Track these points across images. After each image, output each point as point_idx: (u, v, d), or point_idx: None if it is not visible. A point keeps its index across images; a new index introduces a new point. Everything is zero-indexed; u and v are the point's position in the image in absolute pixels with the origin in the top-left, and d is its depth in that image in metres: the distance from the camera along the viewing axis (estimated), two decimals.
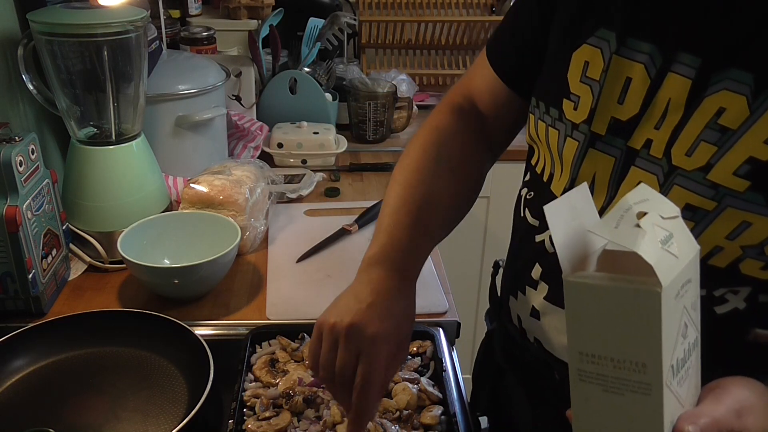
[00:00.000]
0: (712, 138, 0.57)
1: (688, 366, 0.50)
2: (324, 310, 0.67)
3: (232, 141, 1.45)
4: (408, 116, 1.73)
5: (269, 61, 1.62)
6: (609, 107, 0.64)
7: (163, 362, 0.86)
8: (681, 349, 0.48)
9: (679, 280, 0.46)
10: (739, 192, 0.56)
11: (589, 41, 0.65)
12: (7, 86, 1.09)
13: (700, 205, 0.58)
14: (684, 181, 0.59)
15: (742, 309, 0.60)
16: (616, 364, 0.48)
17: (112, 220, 1.06)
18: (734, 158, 0.56)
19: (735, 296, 0.60)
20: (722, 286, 0.60)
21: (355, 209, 1.28)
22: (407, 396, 0.77)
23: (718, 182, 0.57)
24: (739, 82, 0.55)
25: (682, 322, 0.48)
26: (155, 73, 1.21)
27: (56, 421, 0.77)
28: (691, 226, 0.58)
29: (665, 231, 0.47)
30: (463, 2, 2.04)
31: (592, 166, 0.67)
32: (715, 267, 0.59)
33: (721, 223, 0.58)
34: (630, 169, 0.63)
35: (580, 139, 0.67)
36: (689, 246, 0.49)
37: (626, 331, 0.46)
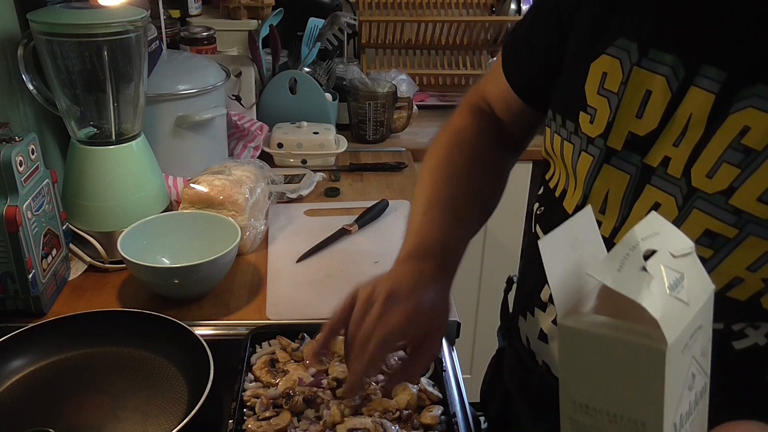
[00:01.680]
0: (736, 159, 0.53)
1: (693, 417, 0.46)
2: (324, 310, 0.65)
3: (232, 141, 1.45)
4: (408, 116, 1.73)
5: (269, 61, 1.62)
6: (627, 121, 0.61)
7: (163, 362, 0.86)
8: (686, 402, 0.45)
9: (688, 330, 0.42)
10: (762, 220, 0.52)
11: (608, 51, 0.62)
12: (7, 86, 1.09)
13: (721, 232, 0.55)
14: (704, 204, 0.55)
15: (762, 345, 0.56)
16: (611, 419, 0.44)
17: (112, 220, 1.06)
18: (759, 182, 0.52)
19: (756, 331, 0.56)
20: (742, 320, 0.56)
21: (355, 209, 1.28)
22: (407, 396, 0.77)
23: (741, 208, 0.53)
24: (763, 98, 0.52)
25: (689, 374, 0.44)
26: (155, 73, 1.21)
27: (56, 421, 0.77)
28: (709, 254, 0.55)
29: (675, 273, 0.43)
30: (463, 2, 2.04)
31: (605, 183, 0.64)
32: (734, 300, 0.56)
33: (742, 252, 0.54)
34: (645, 188, 0.60)
35: (595, 154, 0.64)
36: (702, 287, 0.45)
37: (625, 385, 0.43)
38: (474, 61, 2.04)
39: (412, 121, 1.77)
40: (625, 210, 0.62)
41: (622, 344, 0.41)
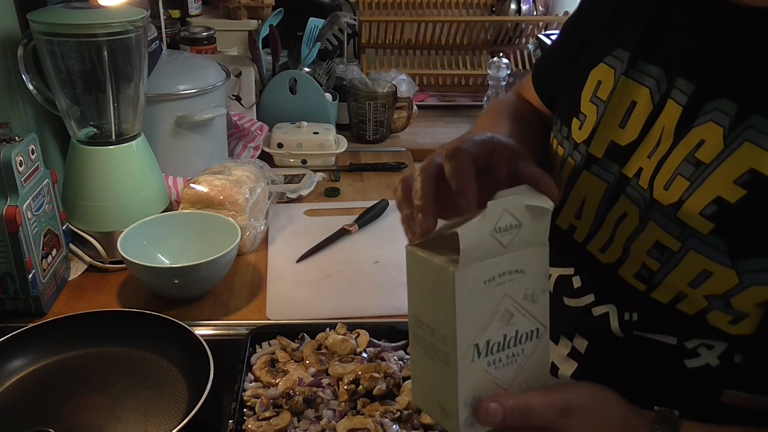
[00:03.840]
0: (687, 172, 0.53)
1: (514, 353, 0.52)
2: (324, 310, 0.64)
3: (232, 141, 1.45)
4: (408, 116, 1.73)
5: (269, 61, 1.62)
6: (610, 130, 0.61)
7: (163, 362, 0.86)
8: (498, 333, 0.50)
9: (494, 268, 0.48)
10: (702, 234, 0.52)
11: (606, 60, 0.63)
12: (7, 86, 1.09)
13: (668, 245, 0.54)
14: (658, 216, 0.55)
15: (714, 366, 0.55)
16: (431, 332, 0.51)
17: (112, 220, 1.06)
18: (703, 196, 0.52)
19: (708, 351, 0.55)
20: (694, 336, 0.55)
21: (355, 209, 1.28)
22: (409, 397, 0.77)
23: (685, 221, 0.53)
24: (724, 113, 0.52)
25: (500, 308, 0.50)
26: (155, 73, 1.21)
27: (56, 421, 0.77)
28: (657, 267, 0.55)
29: (513, 219, 0.48)
30: (463, 2, 2.04)
31: (582, 190, 0.64)
32: (683, 313, 0.55)
33: (684, 267, 0.54)
34: (620, 198, 0.60)
35: (577, 159, 0.64)
36: (534, 240, 0.50)
37: (436, 302, 0.50)
38: (474, 61, 2.04)
39: (412, 121, 1.77)
40: (599, 218, 0.62)
41: (431, 265, 0.49)
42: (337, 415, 0.75)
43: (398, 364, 0.82)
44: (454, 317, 0.48)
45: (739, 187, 0.50)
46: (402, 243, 0.54)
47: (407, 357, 0.86)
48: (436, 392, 0.53)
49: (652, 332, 0.57)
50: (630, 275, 0.58)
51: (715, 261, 0.51)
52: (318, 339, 0.87)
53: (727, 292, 0.51)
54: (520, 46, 2.05)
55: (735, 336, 0.52)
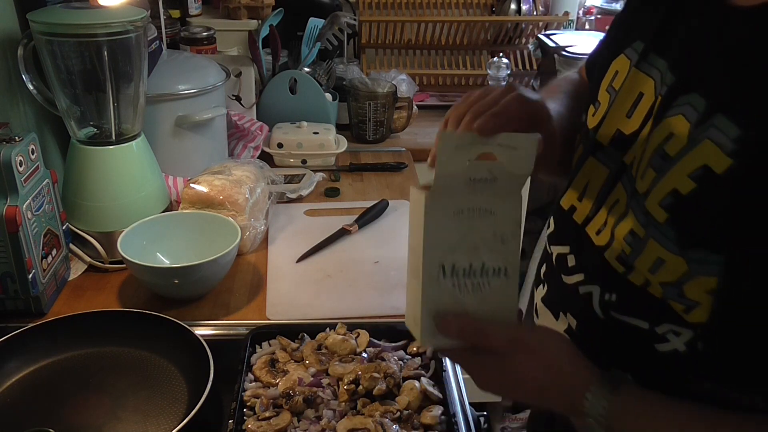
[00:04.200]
0: (656, 164, 0.56)
1: (480, 283, 0.59)
2: (324, 310, 0.65)
3: (232, 141, 1.45)
4: (408, 116, 1.73)
5: (269, 61, 1.62)
6: (617, 119, 0.63)
7: (163, 362, 0.86)
8: (464, 260, 0.58)
9: (464, 202, 0.57)
10: (659, 223, 0.55)
11: (626, 51, 0.65)
12: (7, 86, 1.09)
13: (637, 232, 0.57)
14: (635, 205, 0.58)
15: (682, 352, 0.56)
16: (414, 254, 0.60)
17: (112, 220, 1.06)
18: (663, 188, 0.54)
19: (676, 338, 0.56)
20: (664, 321, 0.57)
21: (355, 209, 1.28)
22: (409, 397, 0.77)
23: (649, 210, 0.56)
24: (694, 109, 0.53)
25: (468, 239, 0.58)
26: (155, 73, 1.21)
27: (56, 421, 0.77)
28: (629, 251, 0.58)
29: (489, 174, 0.56)
30: (463, 2, 2.04)
31: (587, 174, 0.66)
32: (653, 296, 0.57)
33: (646, 254, 0.56)
34: (617, 185, 0.62)
35: (587, 145, 0.67)
36: (507, 191, 0.58)
37: (416, 227, 0.59)
38: (474, 61, 2.04)
39: (412, 121, 1.77)
40: (598, 202, 0.64)
41: (416, 196, 0.58)
42: (337, 415, 0.75)
43: (398, 364, 0.82)
44: (423, 234, 0.56)
45: (691, 180, 0.52)
46: (401, 244, 0.56)
47: (407, 357, 0.86)
48: (413, 307, 0.61)
49: (627, 314, 0.60)
50: (613, 258, 0.60)
51: (668, 249, 0.54)
52: (318, 339, 0.87)
53: (678, 279, 0.53)
54: (520, 46, 2.05)
55: (692, 324, 0.55)
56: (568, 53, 1.66)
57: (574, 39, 1.76)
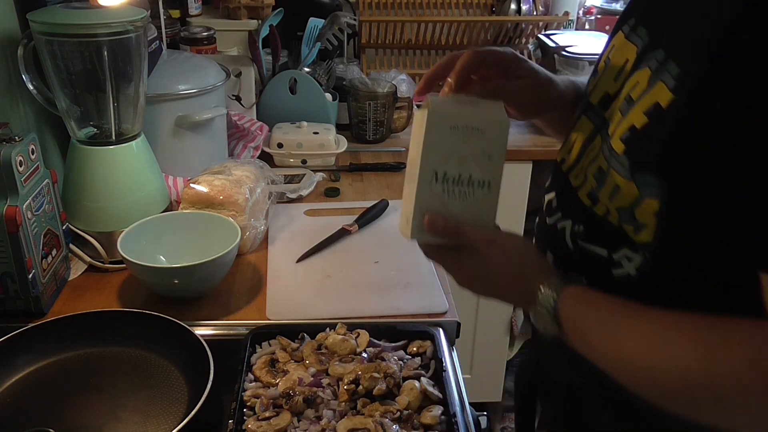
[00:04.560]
0: (624, 108, 0.65)
1: (466, 192, 0.68)
2: (324, 310, 0.67)
3: (232, 141, 1.45)
4: (408, 116, 1.73)
5: (269, 61, 1.62)
6: (606, 83, 0.72)
7: (163, 362, 0.86)
8: (454, 170, 0.67)
9: (461, 119, 0.67)
10: (618, 154, 0.64)
11: (623, 28, 0.73)
12: (7, 86, 1.09)
13: (603, 167, 0.67)
14: (604, 147, 0.68)
15: (634, 276, 0.64)
16: (411, 164, 0.70)
17: (112, 220, 1.06)
18: (624, 125, 0.64)
19: (629, 263, 0.64)
20: (620, 247, 0.65)
21: (355, 209, 1.28)
22: (409, 397, 0.77)
23: (613, 146, 0.65)
24: (656, 60, 0.63)
25: (460, 151, 0.67)
26: (155, 73, 1.21)
27: (56, 421, 0.77)
28: (595, 185, 0.68)
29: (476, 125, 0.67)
30: (463, 2, 2.04)
31: (578, 131, 0.76)
32: (611, 224, 0.66)
33: (608, 183, 0.65)
34: (596, 137, 0.71)
35: (583, 106, 0.76)
36: (491, 114, 0.68)
37: (417, 139, 0.68)
38: None
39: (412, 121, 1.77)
40: (581, 153, 0.74)
41: (421, 112, 0.68)
42: (337, 415, 0.76)
43: (398, 364, 0.82)
44: (423, 144, 0.66)
45: (645, 116, 0.61)
46: (401, 244, 0.56)
47: (407, 357, 0.86)
48: (407, 209, 0.70)
49: (590, 242, 0.69)
50: (585, 194, 0.70)
51: (623, 177, 0.63)
52: (318, 339, 0.87)
53: (631, 204, 0.62)
54: (520, 46, 2.05)
55: (639, 243, 0.63)
56: (568, 53, 1.66)
57: (574, 39, 1.76)
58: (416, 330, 0.90)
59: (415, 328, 0.90)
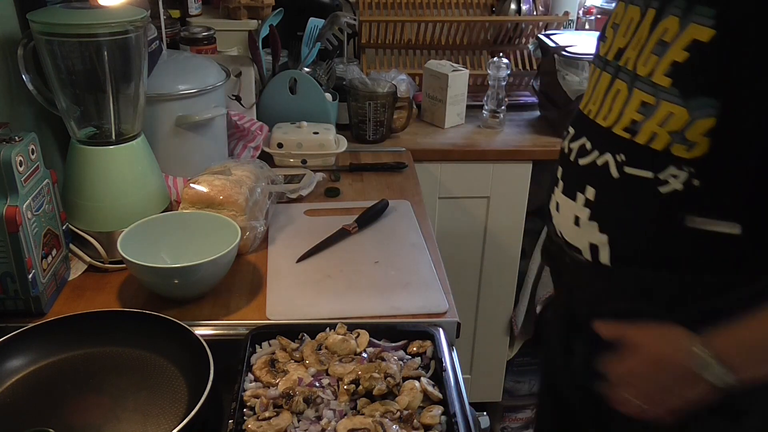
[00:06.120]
0: (657, 51, 0.76)
1: None
2: (324, 310, 0.68)
3: (232, 141, 1.45)
4: (408, 116, 1.73)
5: (269, 61, 1.62)
6: (618, 41, 0.84)
7: (163, 362, 0.86)
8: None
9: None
10: (665, 87, 0.75)
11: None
12: (7, 86, 1.09)
13: (648, 101, 0.77)
14: (640, 84, 0.78)
15: (680, 190, 0.75)
16: None
17: (112, 220, 1.06)
18: (665, 63, 0.75)
19: (675, 179, 0.75)
20: (663, 168, 0.76)
21: (355, 209, 1.28)
22: (409, 397, 0.77)
23: (657, 82, 0.76)
24: (678, 8, 0.74)
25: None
26: (155, 73, 1.21)
27: (56, 421, 0.77)
28: (640, 118, 0.78)
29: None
30: (463, 2, 2.04)
31: (600, 85, 0.86)
32: (654, 149, 0.76)
33: (658, 114, 0.75)
34: (615, 81, 0.83)
35: (601, 67, 0.87)
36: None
37: None
38: (474, 61, 2.04)
39: (412, 121, 1.77)
40: (602, 99, 0.85)
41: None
42: (337, 415, 0.76)
43: (398, 364, 0.82)
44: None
45: (685, 51, 0.73)
46: (401, 244, 0.54)
47: (407, 357, 0.86)
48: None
49: (635, 167, 0.79)
50: (620, 130, 0.81)
51: (675, 104, 0.74)
52: (318, 339, 0.87)
53: (682, 126, 0.73)
54: (520, 46, 2.05)
55: (690, 159, 0.74)
56: (568, 53, 1.66)
57: (574, 39, 1.76)
58: (416, 330, 0.90)
59: (415, 328, 0.90)
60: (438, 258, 1.13)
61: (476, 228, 1.78)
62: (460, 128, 1.80)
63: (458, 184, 1.71)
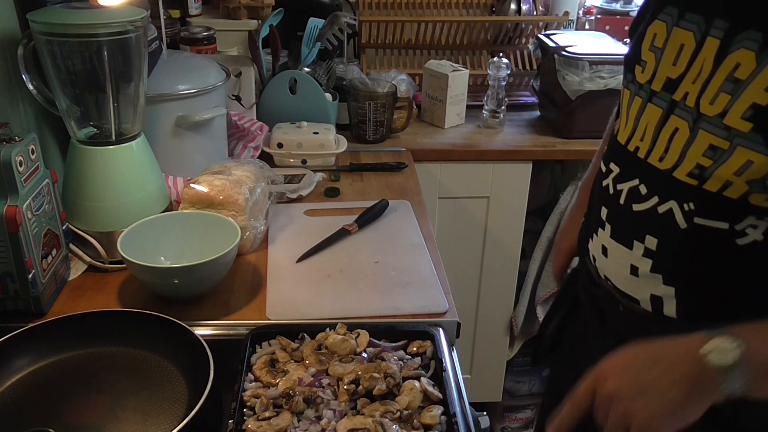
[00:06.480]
0: (729, 88, 0.68)
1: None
2: (324, 310, 0.67)
3: (232, 141, 1.45)
4: (408, 116, 1.73)
5: (269, 61, 1.62)
6: (666, 68, 0.76)
7: (163, 362, 0.86)
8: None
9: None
10: (745, 133, 0.67)
11: (659, 17, 0.78)
12: (7, 86, 1.09)
13: (719, 145, 0.69)
14: (707, 125, 0.70)
15: (760, 241, 0.70)
16: None
17: (112, 220, 1.06)
18: (742, 104, 0.67)
19: (754, 230, 0.70)
20: (740, 219, 0.70)
21: (355, 209, 1.28)
22: (409, 397, 0.77)
23: (731, 125, 0.68)
24: (752, 41, 0.66)
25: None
26: (155, 73, 1.21)
27: (56, 421, 0.77)
28: (709, 164, 0.70)
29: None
30: (463, 2, 2.04)
31: (646, 119, 0.79)
32: (729, 198, 0.70)
33: (732, 161, 0.68)
34: (670, 118, 0.75)
35: (643, 97, 0.79)
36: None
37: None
38: (474, 61, 2.04)
39: (412, 121, 1.77)
40: (655, 136, 0.77)
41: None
42: (337, 415, 0.76)
43: (398, 364, 0.82)
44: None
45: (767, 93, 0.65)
46: (401, 244, 0.54)
47: (407, 357, 0.86)
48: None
49: (707, 218, 0.72)
50: (684, 175, 0.73)
51: (756, 152, 0.66)
52: (318, 339, 0.87)
53: (765, 175, 0.67)
54: (520, 46, 2.05)
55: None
56: (568, 53, 1.66)
57: (574, 39, 1.76)
58: (416, 330, 0.90)
59: (415, 328, 0.90)
60: (438, 258, 1.13)
61: (476, 228, 1.78)
62: (460, 128, 1.80)
63: (458, 184, 1.71)
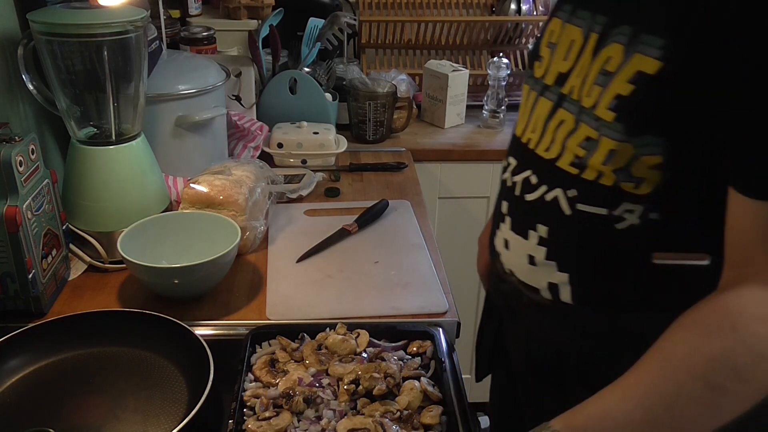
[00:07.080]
0: (600, 81, 0.70)
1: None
2: (324, 310, 0.67)
3: (232, 141, 1.45)
4: (408, 116, 1.73)
5: (269, 61, 1.62)
6: (557, 64, 0.78)
7: (163, 362, 0.86)
8: None
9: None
10: (609, 122, 0.68)
11: (557, 14, 0.80)
12: (7, 86, 1.09)
13: (591, 136, 0.71)
14: (586, 117, 0.72)
15: (637, 225, 0.71)
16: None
17: (112, 220, 1.06)
18: (608, 96, 0.68)
19: (631, 214, 0.70)
20: (617, 205, 0.71)
21: (355, 209, 1.28)
22: (409, 397, 0.77)
23: (600, 116, 0.69)
24: (624, 35, 0.68)
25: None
26: (155, 73, 1.21)
27: (56, 421, 0.77)
28: (584, 153, 0.72)
29: None
30: (463, 2, 2.04)
31: (538, 111, 0.80)
32: (604, 185, 0.71)
33: (600, 150, 0.70)
34: (558, 111, 0.76)
35: (538, 90, 0.81)
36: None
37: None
38: (474, 61, 2.04)
39: (412, 121, 1.77)
40: (542, 128, 0.78)
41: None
42: (337, 415, 0.76)
43: (398, 364, 0.82)
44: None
45: (629, 84, 0.66)
46: (401, 244, 0.54)
47: (407, 357, 0.86)
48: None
49: (588, 204, 0.73)
50: (566, 164, 0.74)
51: (617, 141, 0.68)
52: (318, 339, 0.87)
53: (626, 163, 0.68)
54: (520, 46, 2.05)
55: (641, 196, 0.69)
56: None
57: None
58: (416, 330, 0.90)
59: (415, 328, 0.90)
60: (438, 258, 1.13)
61: (476, 228, 1.77)
62: (460, 128, 1.80)
63: (458, 184, 1.71)
